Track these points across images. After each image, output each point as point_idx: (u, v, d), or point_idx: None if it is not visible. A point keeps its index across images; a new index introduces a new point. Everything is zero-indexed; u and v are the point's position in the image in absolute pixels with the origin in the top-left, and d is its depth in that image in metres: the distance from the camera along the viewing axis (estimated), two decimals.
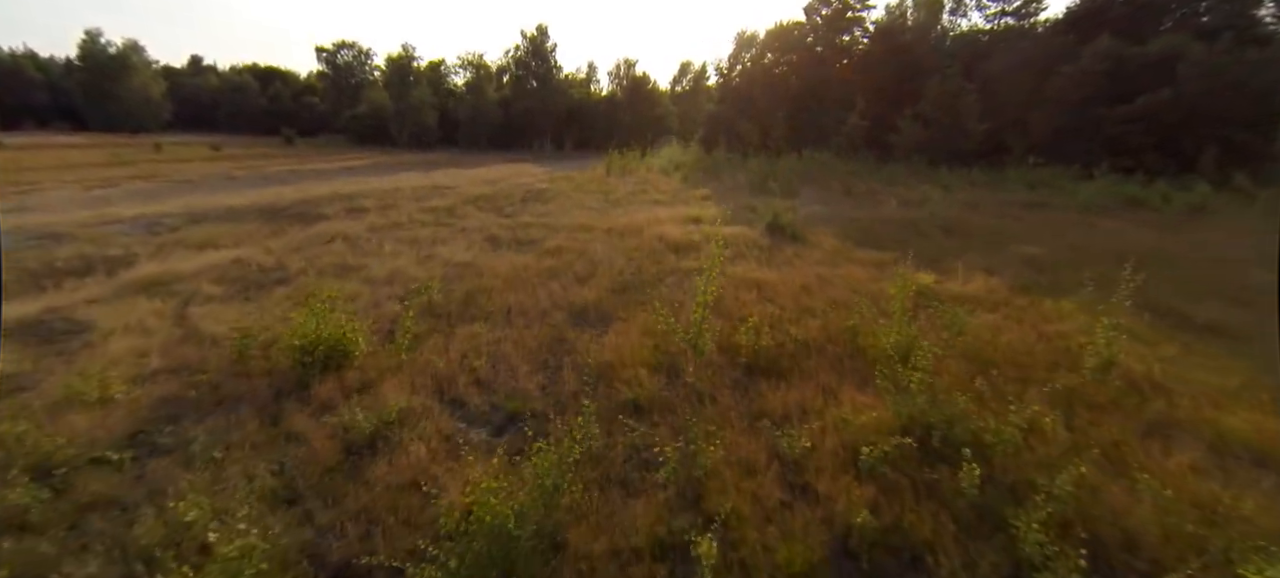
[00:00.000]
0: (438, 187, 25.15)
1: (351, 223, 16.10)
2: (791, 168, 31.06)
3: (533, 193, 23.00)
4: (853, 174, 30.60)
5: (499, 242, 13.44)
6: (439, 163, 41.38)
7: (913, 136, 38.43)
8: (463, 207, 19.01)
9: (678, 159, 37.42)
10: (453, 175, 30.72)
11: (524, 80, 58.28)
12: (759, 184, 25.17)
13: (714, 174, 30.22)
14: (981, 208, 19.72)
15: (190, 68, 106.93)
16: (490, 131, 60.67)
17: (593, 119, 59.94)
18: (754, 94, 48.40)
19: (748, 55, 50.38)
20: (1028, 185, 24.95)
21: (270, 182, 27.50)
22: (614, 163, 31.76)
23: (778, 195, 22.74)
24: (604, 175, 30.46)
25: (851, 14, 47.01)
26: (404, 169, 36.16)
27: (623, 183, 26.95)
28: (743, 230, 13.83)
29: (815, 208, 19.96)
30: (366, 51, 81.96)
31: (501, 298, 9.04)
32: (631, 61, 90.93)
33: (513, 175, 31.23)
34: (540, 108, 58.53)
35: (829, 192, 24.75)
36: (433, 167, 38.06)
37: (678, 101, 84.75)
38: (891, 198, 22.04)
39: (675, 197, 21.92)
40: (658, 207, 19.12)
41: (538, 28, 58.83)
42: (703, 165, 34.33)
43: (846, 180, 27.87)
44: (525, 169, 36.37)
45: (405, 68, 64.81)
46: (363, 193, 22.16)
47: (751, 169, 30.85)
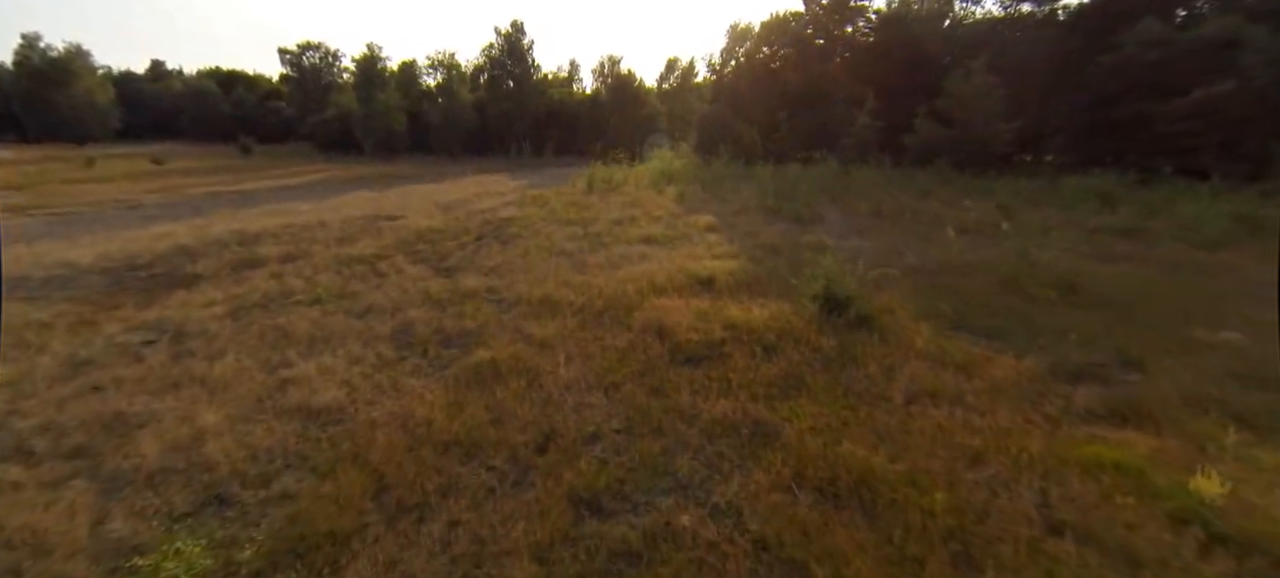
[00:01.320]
0: (381, 214, 20.26)
1: (223, 289, 11.27)
2: (803, 179, 26.49)
3: (494, 225, 18.19)
4: (875, 186, 26.07)
5: (412, 338, 8.67)
6: (400, 176, 36.36)
7: (929, 137, 34.06)
8: (395, 254, 14.18)
9: (670, 168, 32.73)
10: (407, 195, 25.81)
11: (499, 81, 53.26)
12: (771, 202, 20.54)
13: (714, 189, 25.54)
14: (1071, 239, 15.25)
15: (151, 73, 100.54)
16: (465, 136, 55.56)
17: (574, 121, 55.08)
18: (751, 92, 43.75)
19: (741, 50, 45.74)
20: (1099, 200, 20.49)
21: (182, 210, 22.44)
22: (597, 177, 26.97)
23: (798, 218, 18.17)
24: (585, 192, 25.71)
25: (855, 2, 42.47)
26: (357, 185, 31.14)
27: (607, 204, 22.22)
28: (781, 310, 9.17)
29: (852, 241, 15.37)
30: (334, 53, 76.40)
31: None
32: (616, 58, 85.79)
33: (478, 194, 26.35)
34: (517, 110, 53.52)
35: (855, 213, 20.20)
36: (391, 181, 33.05)
37: (666, 99, 79.95)
38: (942, 221, 17.54)
39: (672, 228, 17.23)
40: (651, 249, 14.40)
41: (513, 24, 53.86)
42: (700, 176, 29.64)
43: (871, 194, 23.34)
44: (496, 183, 31.48)
45: (371, 69, 59.40)
46: (279, 230, 17.24)
47: (758, 181, 26.20)
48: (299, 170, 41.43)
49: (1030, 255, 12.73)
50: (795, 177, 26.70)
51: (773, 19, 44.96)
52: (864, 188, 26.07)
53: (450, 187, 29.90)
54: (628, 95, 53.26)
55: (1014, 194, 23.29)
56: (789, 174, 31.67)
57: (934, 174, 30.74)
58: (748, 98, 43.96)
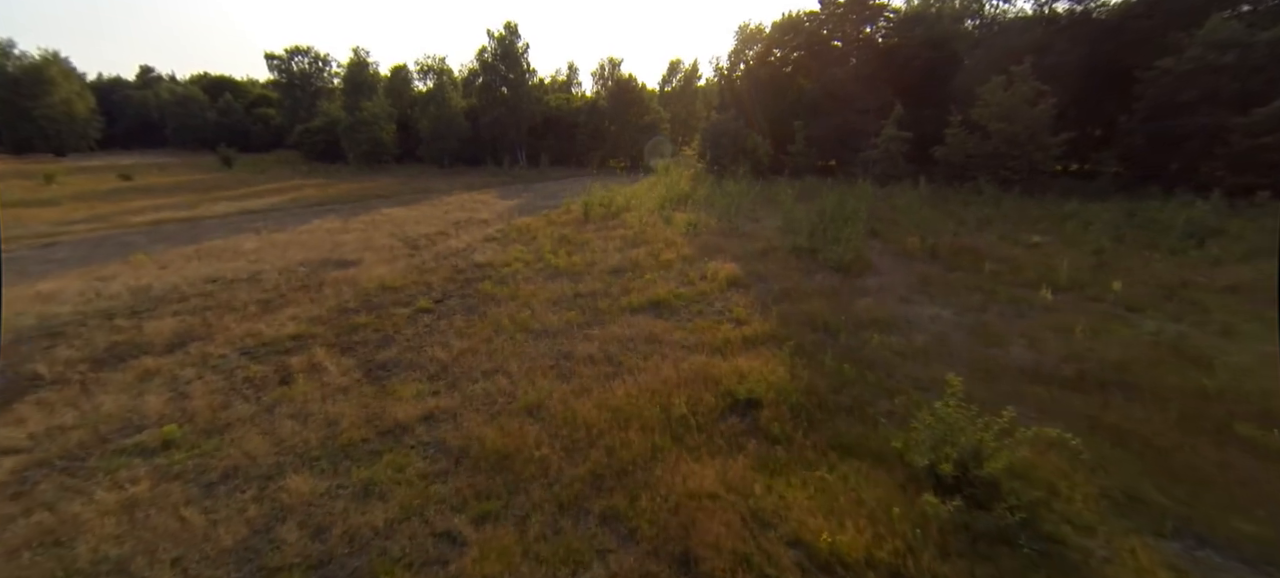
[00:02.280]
0: (334, 258, 16.69)
1: (47, 415, 7.73)
2: (831, 203, 22.83)
3: (464, 275, 14.59)
4: (917, 212, 22.40)
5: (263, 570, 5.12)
6: (379, 195, 32.78)
7: (963, 150, 30.42)
8: (321, 337, 10.61)
9: (677, 188, 29.10)
10: (375, 225, 22.22)
11: (493, 87, 49.65)
12: (803, 241, 16.90)
13: (729, 215, 21.91)
14: (1220, 307, 11.56)
15: (139, 79, 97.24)
16: (456, 145, 51.94)
17: (572, 128, 51.43)
18: (762, 98, 40.11)
19: (751, 52, 42.12)
20: (1191, 231, 16.67)
21: (106, 249, 18.87)
22: (594, 203, 23.36)
23: (841, 266, 14.53)
24: (580, 221, 22.11)
25: (874, 1, 38.77)
26: (328, 209, 27.57)
27: (606, 240, 18.62)
28: (881, 502, 5.56)
29: (923, 309, 11.74)
30: (323, 58, 72.84)
31: None
32: (617, 60, 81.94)
33: (457, 222, 22.73)
34: (511, 118, 49.87)
35: (907, 253, 16.57)
36: (366, 203, 29.47)
37: (668, 103, 76.30)
38: (1020, 268, 13.89)
39: (686, 280, 13.63)
40: (662, 324, 10.75)
41: (506, 26, 50.12)
42: (711, 197, 26.01)
43: (916, 224, 19.69)
44: (481, 206, 27.87)
45: (358, 76, 55.81)
46: (194, 288, 13.71)
47: (781, 207, 22.57)
48: (273, 187, 37.88)
49: (1191, 345, 9.09)
50: (822, 201, 23.04)
51: (784, 19, 41.31)
52: (905, 214, 22.45)
53: (429, 211, 26.31)
54: (629, 101, 49.66)
55: (1083, 224, 19.61)
56: (812, 194, 28.09)
57: (976, 193, 27.07)
58: (758, 104, 40.31)
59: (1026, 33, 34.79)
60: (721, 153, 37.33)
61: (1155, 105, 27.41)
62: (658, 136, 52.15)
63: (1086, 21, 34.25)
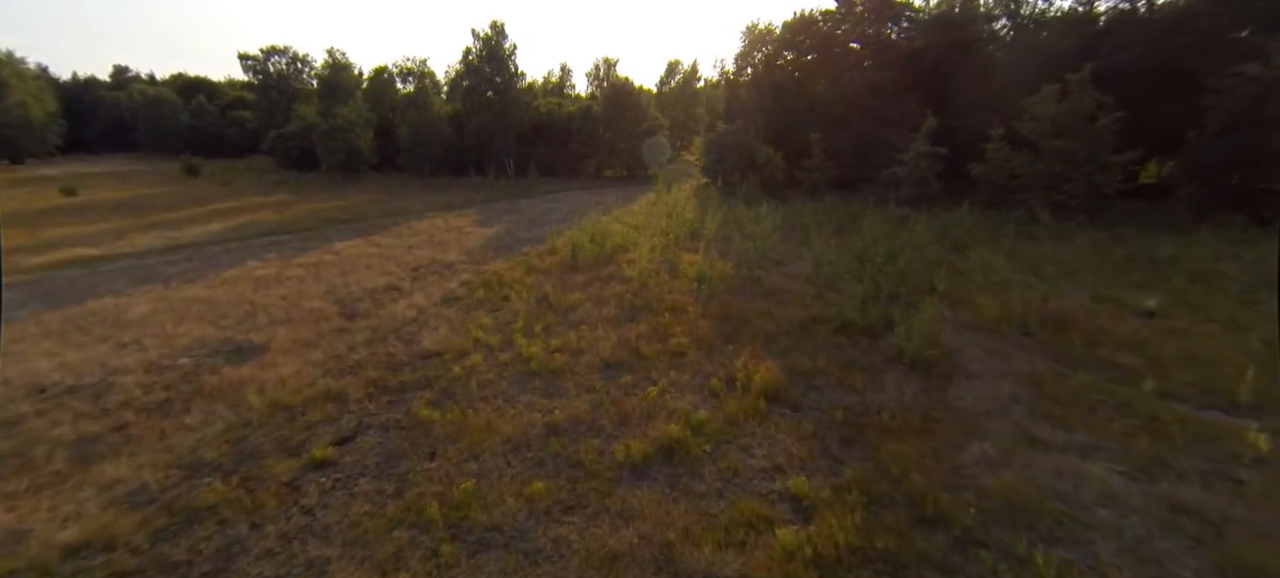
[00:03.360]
0: (237, 339, 12.58)
1: None
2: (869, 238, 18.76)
3: (405, 373, 10.49)
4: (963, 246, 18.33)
5: None
6: (343, 217, 28.53)
7: (1005, 169, 26.42)
8: (126, 527, 6.56)
9: (681, 214, 24.93)
10: (316, 272, 18.02)
11: (478, 90, 45.34)
12: (855, 314, 12.82)
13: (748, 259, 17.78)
14: None
15: (114, 79, 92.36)
16: (440, 153, 47.66)
17: (565, 135, 47.25)
18: (773, 106, 36.02)
19: (759, 55, 38.00)
20: None
21: None
22: (585, 241, 19.20)
23: (920, 364, 10.50)
24: (568, 266, 17.99)
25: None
26: (272, 242, 23.37)
27: (599, 299, 14.55)
28: None
29: (1115, 500, 7.77)
30: (302, 58, 68.32)
31: None
32: (612, 60, 77.86)
33: (417, 264, 18.54)
34: (498, 124, 45.58)
35: (1000, 339, 12.54)
36: (321, 233, 25.23)
37: (666, 106, 72.13)
38: (1162, 366, 9.92)
39: (706, 388, 9.63)
40: (683, 505, 6.71)
41: (492, 25, 45.77)
42: (723, 231, 21.86)
43: (989, 273, 15.65)
44: (453, 236, 23.67)
45: (333, 78, 51.42)
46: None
47: (814, 248, 18.44)
48: (229, 205, 33.60)
49: None
50: (858, 239, 18.97)
51: (796, 19, 37.15)
52: (959, 254, 18.42)
53: (391, 246, 22.13)
54: (625, 105, 45.48)
55: (1193, 276, 15.63)
56: (837, 219, 24.04)
57: (1030, 221, 23.10)
58: (768, 113, 36.22)
59: (1068, 34, 30.76)
60: (728, 166, 33.23)
61: (1232, 118, 23.45)
62: (655, 136, 47.91)
63: (1138, 21, 30.25)
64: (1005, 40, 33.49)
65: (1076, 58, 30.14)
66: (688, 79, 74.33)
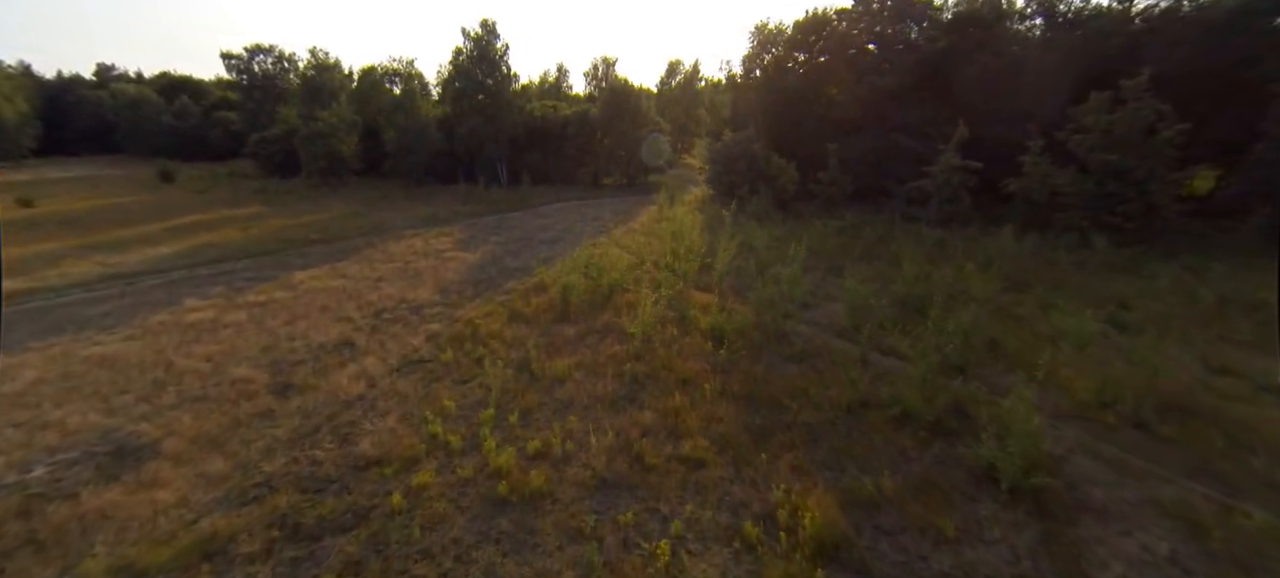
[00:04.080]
0: (124, 433, 9.78)
1: None
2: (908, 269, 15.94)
3: (330, 497, 7.70)
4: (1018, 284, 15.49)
5: None
6: (313, 238, 25.59)
7: (1046, 186, 23.61)
8: None
9: (688, 234, 22.04)
10: (259, 319, 15.17)
11: (468, 93, 42.40)
12: (917, 397, 10.01)
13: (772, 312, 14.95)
14: None
15: (98, 78, 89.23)
16: (428, 159, 44.71)
17: (561, 140, 44.32)
18: (783, 112, 33.13)
19: (768, 56, 35.10)
20: None
21: None
22: (578, 281, 16.29)
23: (1026, 485, 7.71)
24: (558, 311, 15.16)
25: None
26: (225, 271, 20.51)
27: (594, 365, 11.76)
28: None
29: None
30: (288, 57, 65.05)
31: None
32: (611, 60, 74.82)
33: (377, 317, 15.67)
34: (490, 128, 42.62)
35: (1109, 434, 9.77)
36: (282, 258, 22.32)
37: (667, 108, 69.19)
38: None
39: (741, 541, 6.88)
40: None
41: (484, 24, 42.69)
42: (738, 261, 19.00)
43: (1063, 330, 12.85)
44: (430, 263, 20.79)
45: (316, 79, 48.40)
46: None
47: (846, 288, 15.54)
48: (196, 219, 30.70)
49: None
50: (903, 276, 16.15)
51: (809, 18, 34.24)
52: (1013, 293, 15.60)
53: (356, 277, 19.27)
54: (625, 109, 42.61)
55: None
56: (861, 242, 21.14)
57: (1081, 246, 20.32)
58: (779, 120, 33.35)
59: (1113, 34, 27.91)
60: (736, 178, 30.38)
61: None
62: (655, 135, 44.96)
63: (1187, 18, 27.39)
64: (1037, 41, 30.60)
65: (1119, 60, 27.40)
66: (689, 79, 71.36)
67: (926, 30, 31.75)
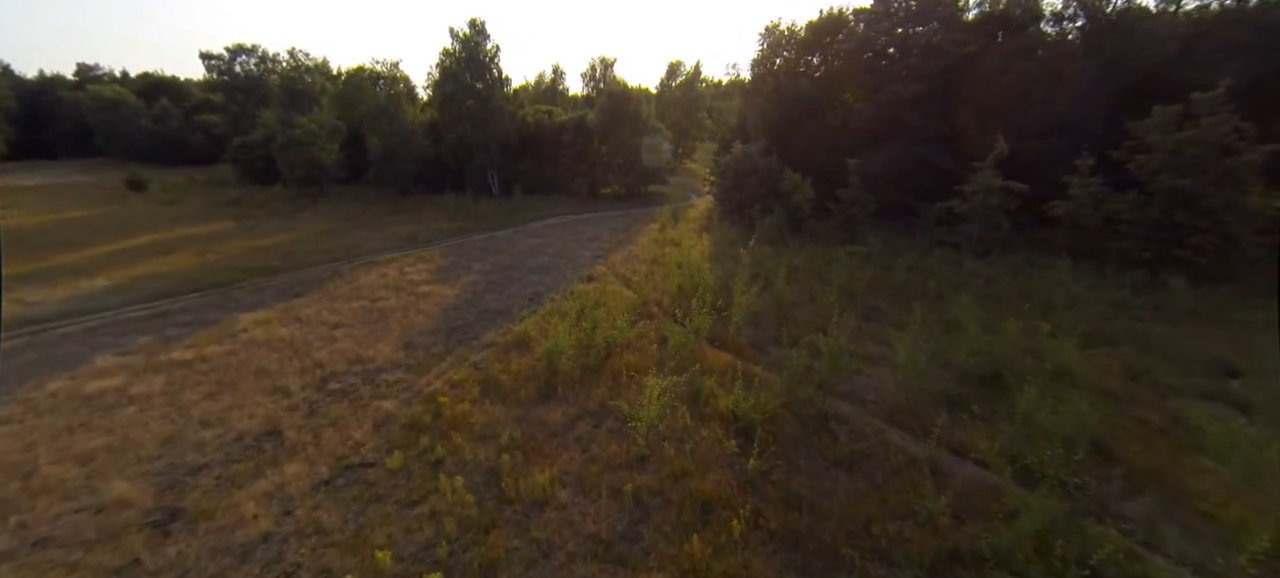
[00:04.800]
0: None
1: None
2: (966, 320, 13.14)
3: None
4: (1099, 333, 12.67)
5: None
6: (281, 258, 22.69)
7: (1099, 211, 20.83)
8: None
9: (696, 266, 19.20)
10: (173, 394, 12.29)
11: (456, 98, 39.50)
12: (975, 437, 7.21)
13: (817, 384, 12.11)
14: None
15: (78, 78, 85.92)
16: (415, 168, 41.78)
17: (555, 148, 41.44)
18: (797, 121, 30.27)
19: (779, 60, 32.25)
20: None
21: None
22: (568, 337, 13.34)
23: None
24: (544, 384, 12.33)
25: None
26: (165, 310, 17.63)
27: (588, 488, 8.97)
28: None
29: None
30: (273, 58, 61.91)
31: None
32: (609, 60, 71.95)
33: (319, 390, 12.83)
34: (479, 136, 39.73)
35: None
36: (242, 287, 19.44)
37: (667, 111, 66.27)
38: None
39: None
40: None
41: (472, 24, 39.73)
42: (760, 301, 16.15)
43: (1180, 413, 10.06)
44: (404, 290, 17.90)
45: (294, 83, 45.41)
46: None
47: (900, 352, 12.67)
48: (150, 237, 27.82)
49: None
50: (965, 336, 13.33)
51: (824, 19, 31.38)
52: (1100, 350, 12.72)
53: (312, 319, 16.40)
54: (624, 115, 39.75)
55: None
56: (892, 276, 18.16)
57: (1155, 284, 17.49)
58: (791, 130, 30.49)
59: (1163, 40, 25.09)
60: (746, 195, 27.52)
61: None
62: (654, 137, 42.07)
63: (1248, 20, 24.62)
64: (1076, 45, 27.78)
65: (1173, 68, 24.65)
66: (690, 81, 68.38)
67: (953, 33, 28.88)
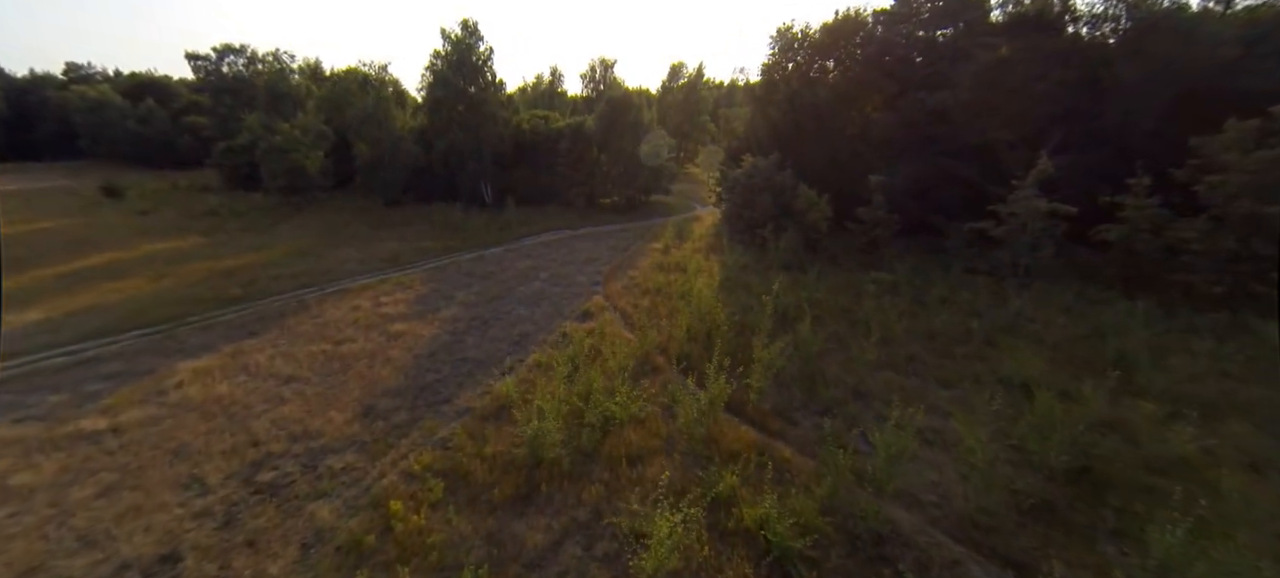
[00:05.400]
0: None
1: None
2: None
3: None
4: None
5: None
6: (244, 284, 20.21)
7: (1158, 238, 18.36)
8: None
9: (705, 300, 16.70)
10: (91, 457, 9.89)
11: (446, 103, 36.99)
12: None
13: (851, 485, 9.67)
14: None
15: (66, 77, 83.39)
16: (404, 176, 39.29)
17: (551, 156, 38.91)
18: (812, 131, 27.75)
19: (792, 65, 29.72)
20: None
21: None
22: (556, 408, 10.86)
23: None
24: (528, 467, 9.92)
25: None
26: (92, 357, 15.17)
27: None
28: None
29: None
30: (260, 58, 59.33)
31: None
32: (609, 61, 69.22)
33: (256, 459, 10.37)
34: (471, 143, 37.22)
35: None
36: (190, 324, 16.98)
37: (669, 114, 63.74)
38: None
39: None
40: None
41: (464, 25, 37.08)
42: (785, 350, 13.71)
43: None
44: (376, 328, 15.44)
45: (277, 86, 42.89)
46: None
47: (968, 445, 10.22)
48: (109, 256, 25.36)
49: None
50: (1034, 407, 10.85)
51: (841, 20, 28.84)
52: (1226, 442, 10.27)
53: (261, 370, 13.97)
54: (623, 123, 37.26)
55: None
56: (943, 323, 15.56)
57: (1237, 328, 14.97)
58: (806, 141, 27.98)
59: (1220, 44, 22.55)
60: (757, 213, 25.03)
61: None
62: (654, 136, 39.56)
63: None
64: (1119, 49, 25.21)
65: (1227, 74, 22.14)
66: (693, 83, 65.80)
67: (984, 37, 26.35)
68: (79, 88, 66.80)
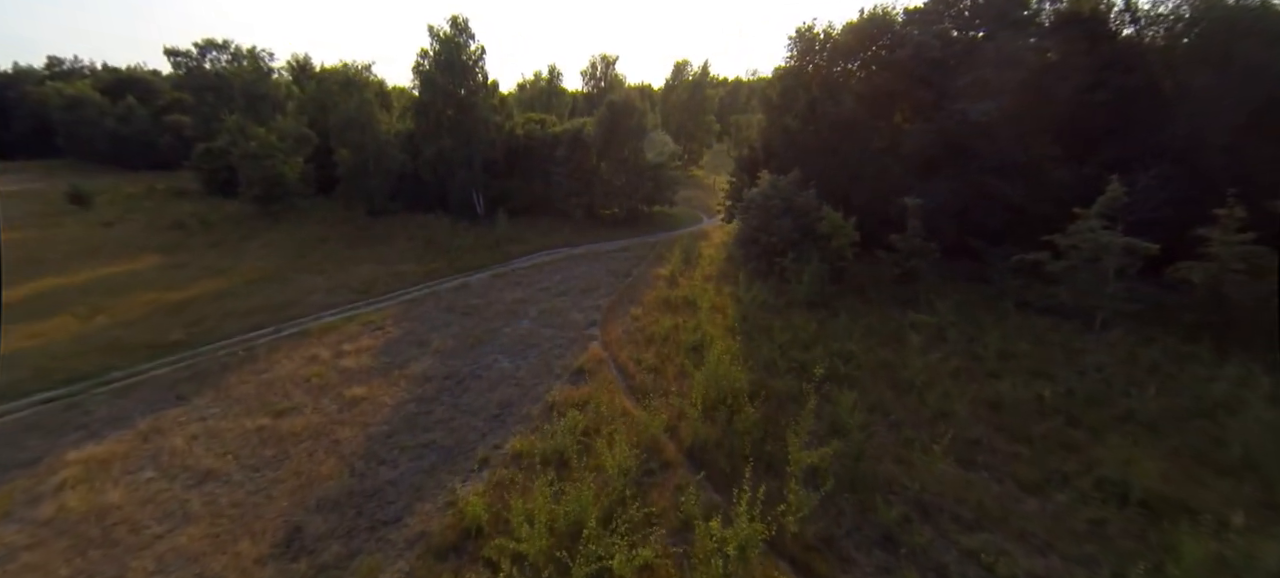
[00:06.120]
0: None
1: None
2: None
3: None
4: None
5: None
6: (187, 326, 17.28)
7: (1251, 276, 15.51)
8: None
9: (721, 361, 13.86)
10: None
11: (434, 107, 33.89)
12: None
13: None
14: None
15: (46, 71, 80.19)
16: (391, 185, 36.26)
17: (547, 163, 35.85)
18: (835, 144, 24.70)
19: (812, 68, 26.62)
20: None
21: None
22: (546, 537, 8.05)
23: None
24: None
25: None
26: None
27: None
28: None
29: None
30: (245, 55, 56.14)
31: None
32: (611, 58, 65.90)
33: None
34: (460, 150, 34.17)
35: None
36: (101, 381, 14.08)
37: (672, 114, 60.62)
38: None
39: None
40: None
41: (453, 22, 33.92)
42: (820, 438, 10.85)
43: None
44: (326, 389, 12.49)
45: (254, 87, 39.79)
46: None
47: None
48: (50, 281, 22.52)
49: None
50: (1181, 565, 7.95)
51: (867, 19, 25.72)
52: None
53: (177, 451, 11.12)
54: (625, 129, 34.23)
55: None
56: (1015, 397, 12.54)
57: None
58: (828, 155, 24.95)
59: None
60: (775, 238, 22.04)
61: None
62: (656, 138, 36.59)
63: None
64: (1186, 54, 22.14)
65: None
66: (697, 82, 62.56)
67: (1032, 41, 23.26)
68: (56, 84, 63.55)
